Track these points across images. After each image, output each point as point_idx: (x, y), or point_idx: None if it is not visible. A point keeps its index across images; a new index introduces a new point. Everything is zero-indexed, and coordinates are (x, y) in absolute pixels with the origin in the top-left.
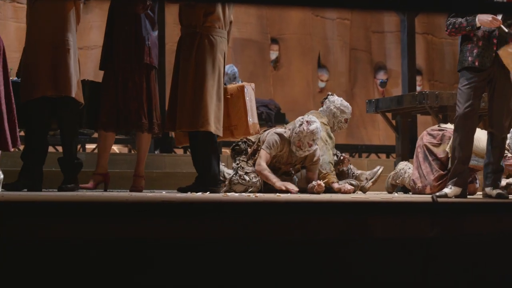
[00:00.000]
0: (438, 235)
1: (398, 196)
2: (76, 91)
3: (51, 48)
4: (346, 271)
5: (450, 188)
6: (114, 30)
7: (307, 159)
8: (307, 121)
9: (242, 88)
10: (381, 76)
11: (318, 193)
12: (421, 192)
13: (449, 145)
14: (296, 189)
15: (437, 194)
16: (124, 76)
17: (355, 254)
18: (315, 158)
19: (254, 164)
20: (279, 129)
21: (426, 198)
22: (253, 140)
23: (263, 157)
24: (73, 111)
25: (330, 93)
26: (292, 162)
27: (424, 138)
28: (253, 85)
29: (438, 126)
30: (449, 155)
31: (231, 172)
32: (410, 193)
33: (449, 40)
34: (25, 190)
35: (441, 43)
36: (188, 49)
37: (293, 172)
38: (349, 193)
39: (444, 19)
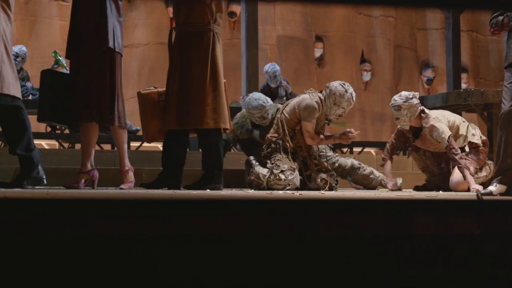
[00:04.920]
0: (484, 233)
1: (443, 194)
2: None
3: None
4: (392, 267)
5: (495, 186)
6: (78, 14)
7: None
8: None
9: None
10: (428, 73)
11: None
12: None
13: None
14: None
15: (482, 192)
16: (86, 63)
17: (401, 251)
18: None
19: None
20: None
21: (471, 196)
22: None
23: (312, 129)
24: None
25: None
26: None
27: None
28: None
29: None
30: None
31: (265, 172)
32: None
33: (494, 37)
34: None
35: (486, 41)
36: (205, 47)
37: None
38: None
39: (489, 16)
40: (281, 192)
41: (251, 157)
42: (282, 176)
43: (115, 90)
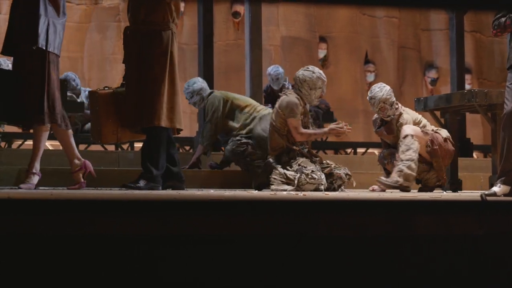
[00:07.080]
0: (486, 234)
1: (447, 195)
2: None
3: None
4: (395, 268)
5: (499, 187)
6: (13, 11)
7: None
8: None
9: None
10: (433, 74)
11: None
12: None
13: None
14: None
15: (486, 192)
16: (19, 62)
17: (402, 251)
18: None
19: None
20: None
21: (475, 196)
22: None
23: (298, 125)
24: None
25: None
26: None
27: None
28: None
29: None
30: None
31: (292, 172)
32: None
33: (497, 38)
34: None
35: (490, 42)
36: (165, 46)
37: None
38: None
39: (492, 17)
40: (285, 192)
41: (271, 159)
42: (316, 176)
43: (45, 88)
